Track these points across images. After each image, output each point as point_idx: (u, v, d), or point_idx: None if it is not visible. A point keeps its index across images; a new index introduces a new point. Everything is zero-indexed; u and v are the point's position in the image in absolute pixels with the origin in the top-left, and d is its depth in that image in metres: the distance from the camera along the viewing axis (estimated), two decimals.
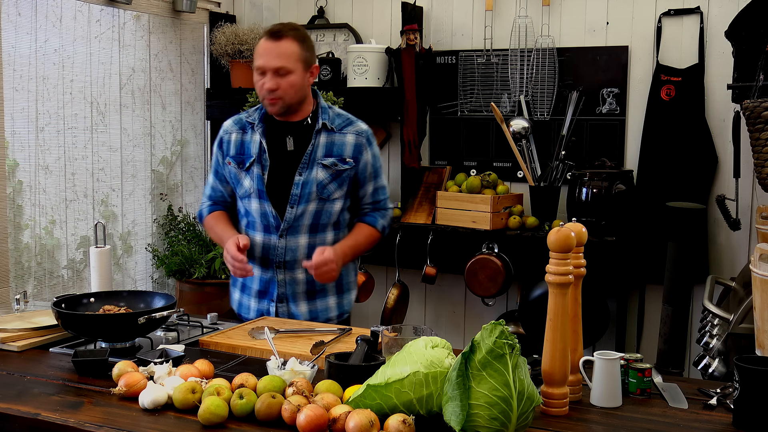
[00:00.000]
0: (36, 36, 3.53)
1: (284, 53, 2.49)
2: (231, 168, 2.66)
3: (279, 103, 2.53)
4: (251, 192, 2.61)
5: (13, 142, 3.43)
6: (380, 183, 2.70)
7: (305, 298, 2.64)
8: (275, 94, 2.51)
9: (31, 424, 1.73)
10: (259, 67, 2.51)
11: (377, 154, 2.68)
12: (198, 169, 4.60)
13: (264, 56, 2.50)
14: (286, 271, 2.62)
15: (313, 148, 2.58)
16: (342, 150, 2.59)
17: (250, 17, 4.65)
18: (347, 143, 2.59)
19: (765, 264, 2.29)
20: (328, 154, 2.58)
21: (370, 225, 2.67)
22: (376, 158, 2.66)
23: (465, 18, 4.15)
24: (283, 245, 2.60)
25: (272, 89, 2.50)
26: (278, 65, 2.48)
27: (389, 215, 2.73)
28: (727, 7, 3.61)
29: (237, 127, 2.68)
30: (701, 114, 3.68)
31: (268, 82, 2.50)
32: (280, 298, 2.64)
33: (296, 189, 2.56)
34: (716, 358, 2.95)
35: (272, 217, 2.58)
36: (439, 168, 4.21)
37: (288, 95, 2.52)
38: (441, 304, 4.35)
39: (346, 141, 2.60)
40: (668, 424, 1.73)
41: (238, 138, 2.65)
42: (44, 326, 2.30)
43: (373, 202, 2.69)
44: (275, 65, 2.48)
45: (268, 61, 2.49)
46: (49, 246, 3.66)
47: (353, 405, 1.64)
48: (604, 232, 3.61)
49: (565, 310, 1.76)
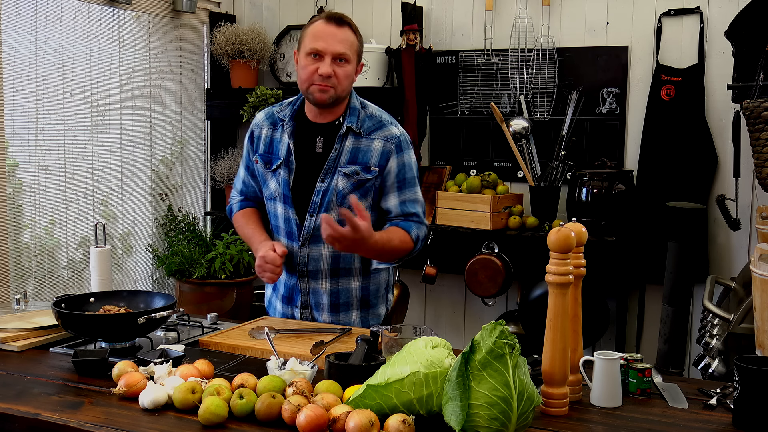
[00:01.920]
0: (36, 36, 3.53)
1: (347, 40, 2.34)
2: (258, 166, 2.53)
3: (331, 92, 2.35)
4: (276, 195, 2.47)
5: (13, 142, 3.43)
6: (411, 195, 2.43)
7: (329, 309, 2.49)
8: (330, 82, 2.33)
9: (31, 424, 1.73)
10: (317, 50, 2.33)
11: (408, 162, 2.42)
12: (198, 169, 4.60)
13: (325, 39, 2.32)
14: (309, 280, 2.48)
15: (337, 154, 2.40)
16: (368, 157, 2.39)
17: (250, 17, 4.65)
18: (374, 150, 2.39)
19: (765, 264, 2.29)
20: (352, 161, 2.39)
21: (404, 229, 2.39)
22: (405, 167, 2.42)
23: (465, 18, 4.15)
24: (305, 254, 2.45)
25: (329, 75, 2.32)
26: (341, 51, 2.33)
27: (424, 230, 2.43)
28: (727, 7, 3.61)
29: (268, 122, 2.53)
30: (701, 114, 3.68)
31: (325, 66, 2.32)
32: (303, 305, 2.51)
33: (317, 197, 2.40)
34: (716, 358, 2.95)
35: (295, 224, 2.44)
36: (439, 168, 4.21)
37: (342, 85, 2.35)
38: (441, 304, 4.35)
39: (372, 147, 2.39)
40: (668, 424, 1.73)
41: (268, 135, 2.50)
42: (44, 326, 2.30)
43: (404, 215, 2.42)
44: (337, 51, 2.32)
45: (331, 44, 2.32)
46: (49, 246, 3.66)
47: (353, 405, 1.64)
48: (604, 232, 3.61)
49: (565, 310, 1.76)
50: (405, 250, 2.39)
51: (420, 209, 2.45)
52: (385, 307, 2.58)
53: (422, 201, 2.47)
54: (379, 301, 2.56)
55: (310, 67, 2.34)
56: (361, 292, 2.50)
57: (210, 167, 4.61)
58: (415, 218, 2.43)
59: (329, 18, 2.35)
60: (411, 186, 2.44)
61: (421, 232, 2.43)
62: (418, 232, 2.41)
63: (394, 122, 2.48)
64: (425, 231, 2.45)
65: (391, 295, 2.63)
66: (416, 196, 2.45)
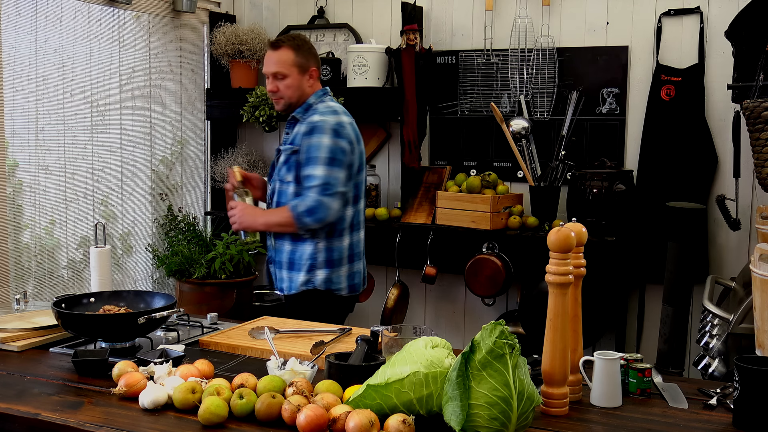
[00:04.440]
0: (36, 36, 3.53)
1: (280, 60, 2.95)
2: None
3: (281, 102, 3.00)
4: None
5: (13, 142, 3.43)
6: (309, 171, 2.86)
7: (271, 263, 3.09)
8: (276, 95, 2.99)
9: (31, 424, 1.73)
10: (265, 73, 3.00)
11: (316, 144, 2.86)
12: (198, 169, 4.60)
13: (266, 63, 2.99)
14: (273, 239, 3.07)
15: (287, 137, 3.00)
16: (294, 138, 2.95)
17: (250, 17, 4.65)
18: (300, 132, 2.93)
19: (765, 264, 2.29)
20: (291, 142, 2.96)
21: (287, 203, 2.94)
22: (311, 147, 2.86)
23: (465, 18, 4.15)
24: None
25: (273, 91, 2.99)
26: (274, 71, 2.96)
27: (307, 201, 2.85)
28: (727, 7, 3.61)
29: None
30: (701, 114, 3.68)
31: (269, 85, 2.99)
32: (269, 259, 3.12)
33: (270, 170, 3.08)
34: (716, 358, 2.95)
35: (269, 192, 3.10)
36: (439, 168, 4.21)
37: (286, 95, 2.97)
38: (441, 304, 4.35)
39: (300, 130, 2.93)
40: (668, 424, 1.73)
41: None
42: (44, 326, 2.31)
43: (304, 187, 2.89)
44: (272, 71, 2.96)
45: (268, 67, 2.98)
46: (49, 246, 3.66)
47: (353, 405, 1.64)
48: (604, 232, 3.61)
49: (565, 310, 1.76)
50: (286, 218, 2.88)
51: (311, 183, 2.85)
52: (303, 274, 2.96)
53: (321, 177, 2.85)
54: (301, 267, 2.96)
55: (267, 85, 3.02)
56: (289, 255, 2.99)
57: (210, 167, 4.61)
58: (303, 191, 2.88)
59: (270, 44, 3.00)
60: (312, 163, 2.86)
61: (302, 202, 2.85)
62: (296, 203, 2.87)
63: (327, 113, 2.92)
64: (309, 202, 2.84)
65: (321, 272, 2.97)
66: (313, 172, 2.86)
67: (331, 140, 2.87)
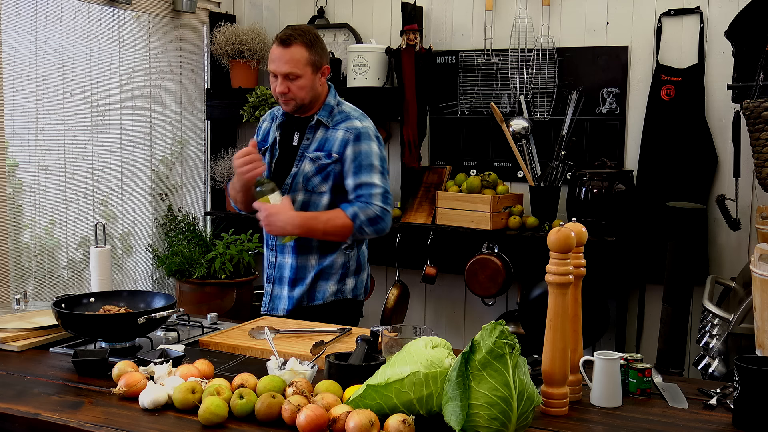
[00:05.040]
0: (36, 36, 3.53)
1: (293, 59, 2.65)
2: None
3: (292, 104, 2.71)
4: None
5: (13, 142, 3.43)
6: (365, 179, 2.66)
7: (289, 283, 2.76)
8: (287, 96, 2.69)
9: (31, 424, 1.73)
10: (272, 72, 2.69)
11: (366, 151, 2.67)
12: (198, 169, 4.60)
13: (275, 62, 2.67)
14: (276, 254, 2.79)
15: (309, 143, 2.74)
16: (330, 145, 2.70)
17: (250, 17, 4.65)
18: (336, 138, 2.70)
19: (765, 264, 2.29)
20: (319, 149, 2.71)
21: (342, 209, 2.65)
22: (361, 155, 2.66)
23: (465, 18, 4.15)
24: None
25: (284, 92, 2.68)
26: (286, 71, 2.65)
27: (371, 210, 2.64)
28: (727, 7, 3.61)
29: (270, 116, 2.91)
30: (701, 114, 3.68)
31: (279, 86, 2.68)
32: (269, 278, 2.82)
33: (289, 179, 2.73)
34: (716, 358, 2.95)
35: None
36: (439, 168, 4.21)
37: (299, 96, 2.68)
38: (441, 304, 4.35)
39: (335, 136, 2.70)
40: (668, 424, 1.73)
41: (267, 126, 2.88)
42: (44, 326, 2.30)
43: (357, 197, 2.67)
44: (284, 71, 2.65)
45: (279, 66, 2.66)
46: (49, 246, 3.66)
47: (353, 405, 1.64)
48: (604, 232, 3.61)
49: (565, 310, 1.76)
50: (341, 225, 2.63)
51: (372, 191, 2.66)
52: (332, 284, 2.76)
53: (380, 185, 2.68)
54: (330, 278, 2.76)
55: (272, 85, 2.72)
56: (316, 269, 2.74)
57: (210, 167, 4.61)
58: (362, 199, 2.66)
59: (279, 41, 2.67)
60: (367, 171, 2.67)
61: (365, 211, 2.63)
62: (357, 211, 2.63)
63: (363, 118, 2.76)
64: (374, 211, 2.64)
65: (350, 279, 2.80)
66: (371, 180, 2.67)
67: (378, 147, 2.71)
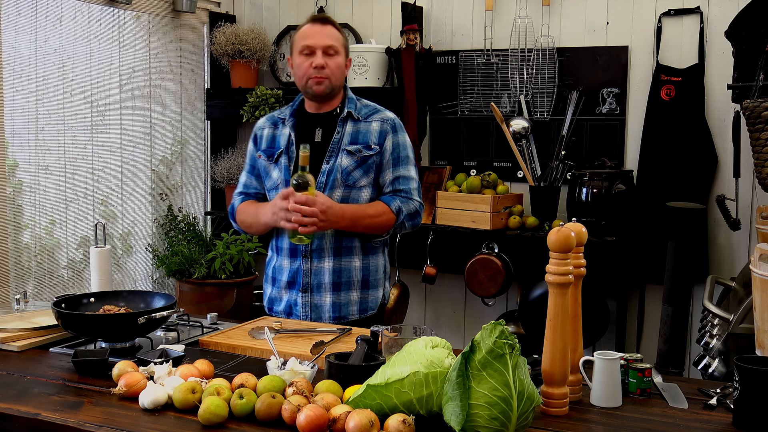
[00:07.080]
0: (36, 36, 3.53)
1: (333, 35, 2.60)
2: (262, 161, 2.70)
3: (326, 83, 2.58)
4: (279, 183, 2.63)
5: (13, 142, 3.43)
6: (403, 172, 2.61)
7: (330, 289, 2.61)
8: (323, 73, 2.57)
9: (31, 424, 1.73)
10: (309, 46, 2.58)
11: (403, 142, 2.62)
12: (198, 169, 4.60)
13: (313, 36, 2.58)
14: (312, 261, 2.60)
15: (340, 136, 2.61)
16: (368, 137, 2.60)
17: (250, 17, 4.65)
18: (372, 130, 2.61)
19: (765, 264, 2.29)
20: (353, 142, 2.60)
21: (385, 202, 2.58)
22: (399, 146, 2.61)
23: (465, 18, 4.15)
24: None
25: (322, 66, 2.55)
26: (329, 43, 2.57)
27: (413, 205, 2.60)
28: (727, 7, 3.61)
29: (269, 123, 2.74)
30: (701, 114, 3.68)
31: (317, 59, 2.56)
32: (305, 287, 2.62)
33: (322, 176, 2.58)
34: (716, 358, 2.95)
35: None
36: (439, 168, 4.21)
37: (334, 75, 2.59)
38: (441, 304, 4.35)
39: (371, 128, 2.61)
40: (668, 424, 1.73)
41: (270, 133, 2.71)
42: (44, 326, 2.30)
43: (395, 191, 2.60)
44: (326, 43, 2.57)
45: (319, 40, 2.57)
46: (49, 246, 3.66)
47: (353, 405, 1.64)
48: (604, 232, 3.61)
49: (565, 310, 1.76)
50: (385, 221, 2.57)
51: (411, 186, 2.62)
52: (382, 290, 2.70)
53: (416, 179, 2.65)
54: (378, 283, 2.69)
55: (304, 63, 2.58)
56: (362, 272, 2.64)
57: (210, 167, 4.61)
58: (402, 194, 2.60)
59: (314, 19, 2.63)
60: (405, 164, 2.62)
61: (407, 206, 2.59)
62: (401, 205, 2.58)
63: (386, 108, 2.69)
64: (415, 206, 2.62)
65: (388, 283, 2.75)
66: (409, 173, 2.63)
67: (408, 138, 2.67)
